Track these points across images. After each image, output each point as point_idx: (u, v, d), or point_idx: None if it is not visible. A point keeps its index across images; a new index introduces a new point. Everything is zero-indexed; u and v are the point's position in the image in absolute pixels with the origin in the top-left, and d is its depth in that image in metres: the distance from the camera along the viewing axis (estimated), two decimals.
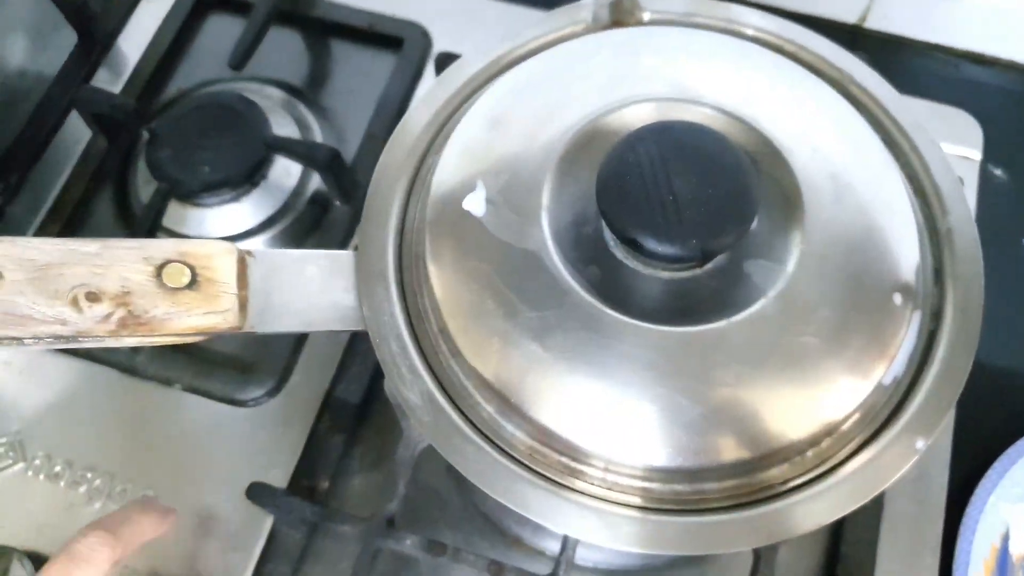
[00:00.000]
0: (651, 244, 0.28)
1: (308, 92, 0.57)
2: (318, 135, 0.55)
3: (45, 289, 0.27)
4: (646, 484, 0.29)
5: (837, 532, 0.45)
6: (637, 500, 0.29)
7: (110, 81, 0.57)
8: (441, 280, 0.30)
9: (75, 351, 0.49)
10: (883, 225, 0.30)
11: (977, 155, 0.54)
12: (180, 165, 0.51)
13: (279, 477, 0.45)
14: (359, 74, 0.58)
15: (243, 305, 0.29)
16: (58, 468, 0.47)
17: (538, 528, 0.45)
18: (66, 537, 0.45)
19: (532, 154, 0.31)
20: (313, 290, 0.31)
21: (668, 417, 0.28)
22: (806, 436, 0.28)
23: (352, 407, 0.47)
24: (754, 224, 0.29)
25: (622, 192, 0.28)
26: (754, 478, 0.29)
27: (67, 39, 0.57)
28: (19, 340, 0.27)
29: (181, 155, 0.51)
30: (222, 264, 0.29)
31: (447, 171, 0.32)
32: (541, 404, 0.29)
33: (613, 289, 0.30)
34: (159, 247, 0.29)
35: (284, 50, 0.59)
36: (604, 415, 0.28)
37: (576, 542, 0.37)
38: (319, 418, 0.47)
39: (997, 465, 0.46)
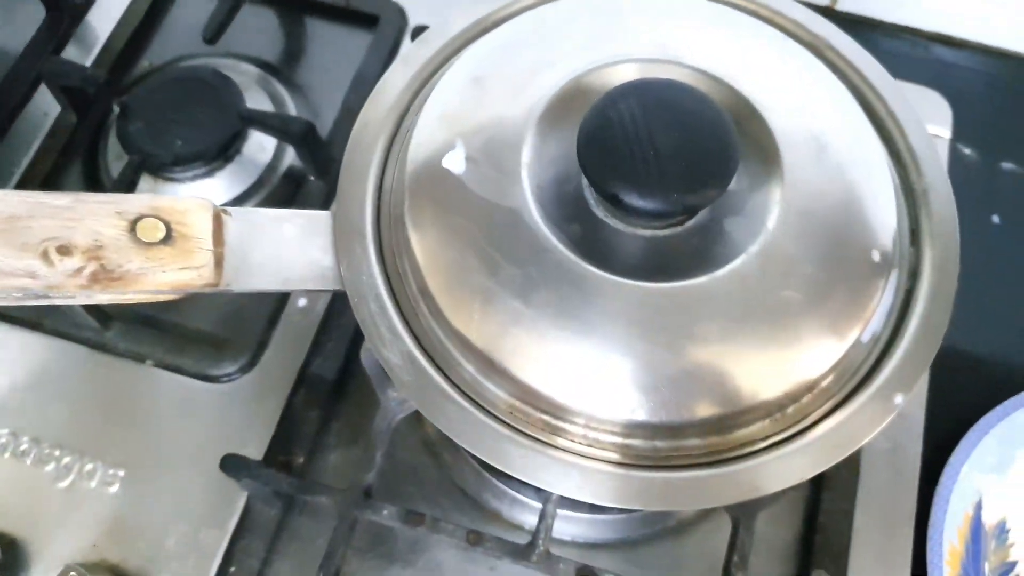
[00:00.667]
0: (632, 199, 0.28)
1: (284, 69, 0.57)
2: (292, 111, 0.54)
3: (13, 241, 0.26)
4: (627, 440, 0.29)
5: (814, 502, 0.45)
6: (618, 456, 0.29)
7: (80, 56, 0.56)
8: (421, 239, 0.30)
9: (44, 327, 0.48)
10: (861, 184, 0.31)
11: (947, 133, 0.55)
12: (152, 138, 0.50)
13: (253, 453, 0.44)
14: (335, 51, 0.57)
15: (219, 262, 0.29)
16: (24, 446, 0.45)
17: (515, 502, 0.45)
18: (32, 516, 0.44)
19: (513, 112, 0.31)
20: (290, 249, 0.31)
21: (648, 372, 0.28)
22: (785, 392, 0.28)
23: (328, 382, 0.47)
24: (734, 182, 0.29)
25: (603, 148, 0.28)
26: (734, 434, 0.29)
27: (36, 13, 0.56)
28: None
29: (153, 128, 0.50)
30: (198, 220, 0.28)
31: (427, 130, 0.31)
32: (522, 362, 0.29)
33: (595, 247, 0.30)
34: (133, 201, 0.28)
35: (260, 27, 0.58)
36: (584, 371, 0.28)
37: (555, 513, 0.37)
38: (294, 393, 0.47)
39: (970, 435, 0.46)
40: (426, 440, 0.47)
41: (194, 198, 0.29)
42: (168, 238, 0.28)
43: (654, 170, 0.28)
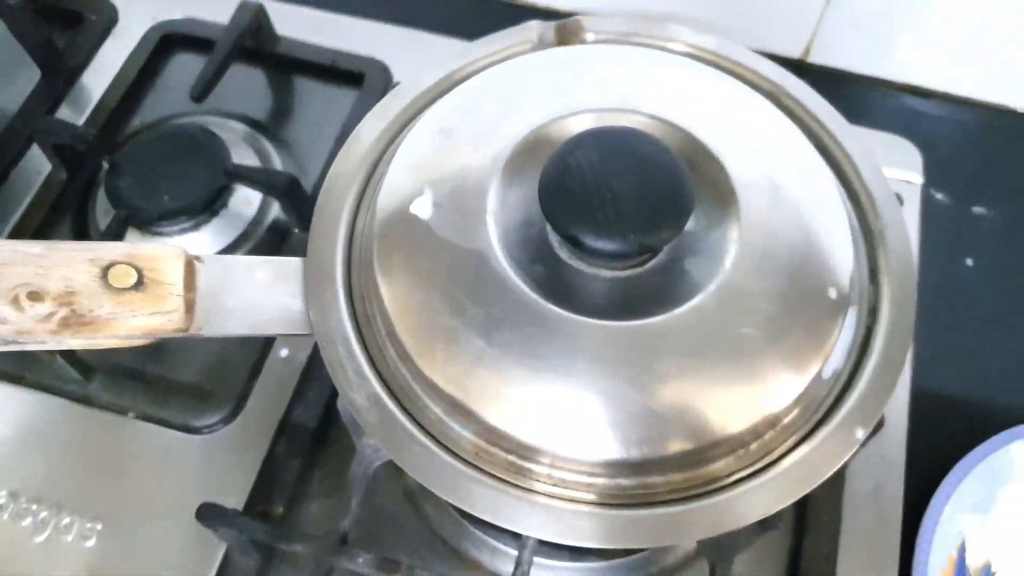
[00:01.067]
0: (591, 240, 0.29)
1: (271, 126, 0.58)
2: (279, 166, 0.56)
3: None
4: (592, 479, 0.29)
5: (797, 546, 0.45)
6: (584, 495, 0.29)
7: (73, 116, 0.57)
8: (388, 282, 0.31)
9: (25, 381, 0.49)
10: (817, 224, 0.32)
11: (919, 179, 0.56)
12: (139, 193, 0.51)
13: (234, 503, 0.44)
14: (321, 108, 0.59)
15: (190, 307, 0.29)
16: (2, 500, 0.45)
17: (495, 551, 0.45)
18: (7, 572, 0.44)
19: (479, 161, 0.32)
20: (261, 294, 0.31)
21: (611, 410, 0.28)
22: (749, 427, 0.29)
23: (308, 431, 0.47)
24: (692, 223, 0.30)
25: (563, 192, 0.29)
26: (699, 471, 0.29)
27: (32, 76, 0.58)
28: None
29: (141, 183, 0.51)
30: (169, 266, 0.29)
31: (396, 178, 0.33)
32: (486, 402, 0.29)
33: (559, 288, 0.30)
34: (105, 249, 0.29)
35: (247, 86, 0.60)
36: (548, 410, 0.29)
37: (531, 559, 0.37)
38: (275, 443, 0.47)
39: (951, 476, 0.46)
40: (407, 490, 0.47)
41: (166, 246, 0.30)
42: (140, 284, 0.28)
43: (611, 212, 0.29)
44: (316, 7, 0.61)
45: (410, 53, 0.59)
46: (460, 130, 0.33)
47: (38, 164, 0.55)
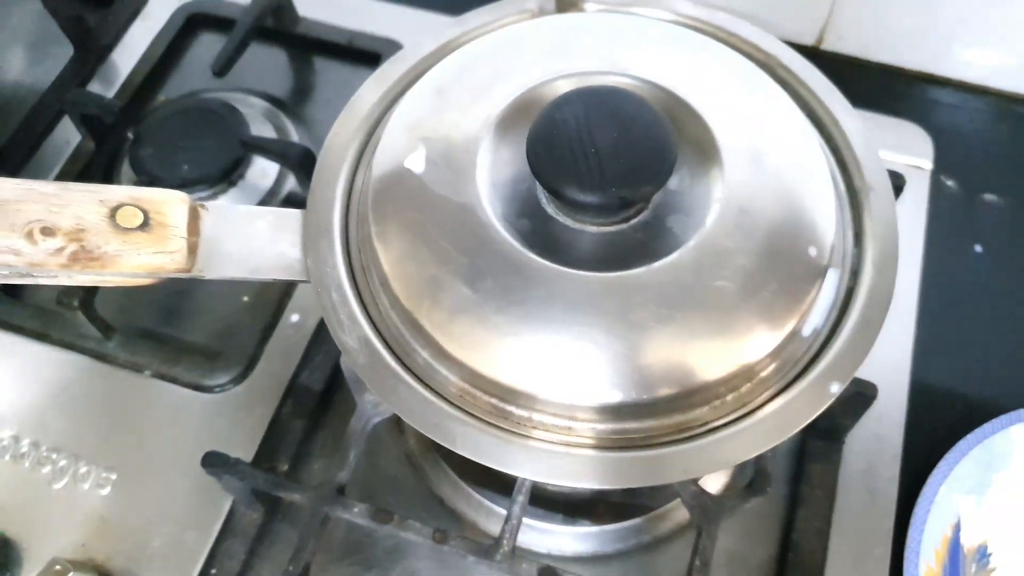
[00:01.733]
0: (575, 194, 0.30)
1: (290, 103, 0.60)
2: (295, 140, 0.58)
3: (1, 222, 0.29)
4: (571, 423, 0.30)
5: (789, 521, 0.45)
6: (563, 437, 0.30)
7: (103, 90, 0.60)
8: (382, 232, 0.32)
9: (49, 338, 0.51)
10: (801, 186, 0.32)
11: (929, 165, 0.56)
12: (161, 162, 0.53)
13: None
14: (338, 87, 0.61)
15: (192, 250, 0.31)
16: (24, 449, 0.48)
17: (491, 513, 0.46)
18: (26, 515, 0.46)
19: (472, 120, 0.33)
20: (261, 242, 0.33)
21: (589, 356, 0.29)
22: (723, 378, 0.29)
23: (315, 394, 0.49)
24: (676, 181, 0.31)
25: (549, 148, 0.30)
26: (674, 419, 0.30)
27: (64, 52, 0.61)
28: None
29: (163, 153, 0.53)
30: (174, 210, 0.31)
31: (393, 136, 0.34)
32: (470, 345, 0.30)
33: (545, 242, 0.31)
34: (114, 191, 0.30)
35: (268, 64, 0.62)
36: (527, 355, 0.30)
37: (520, 515, 0.38)
38: (282, 404, 0.49)
39: (948, 457, 0.46)
40: (408, 452, 0.48)
41: (172, 190, 0.31)
42: (145, 225, 0.30)
43: (595, 167, 0.30)
44: None
45: (426, 33, 0.60)
46: (454, 91, 0.34)
47: (68, 134, 0.58)
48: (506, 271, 0.30)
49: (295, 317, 0.51)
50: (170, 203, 0.31)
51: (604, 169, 0.30)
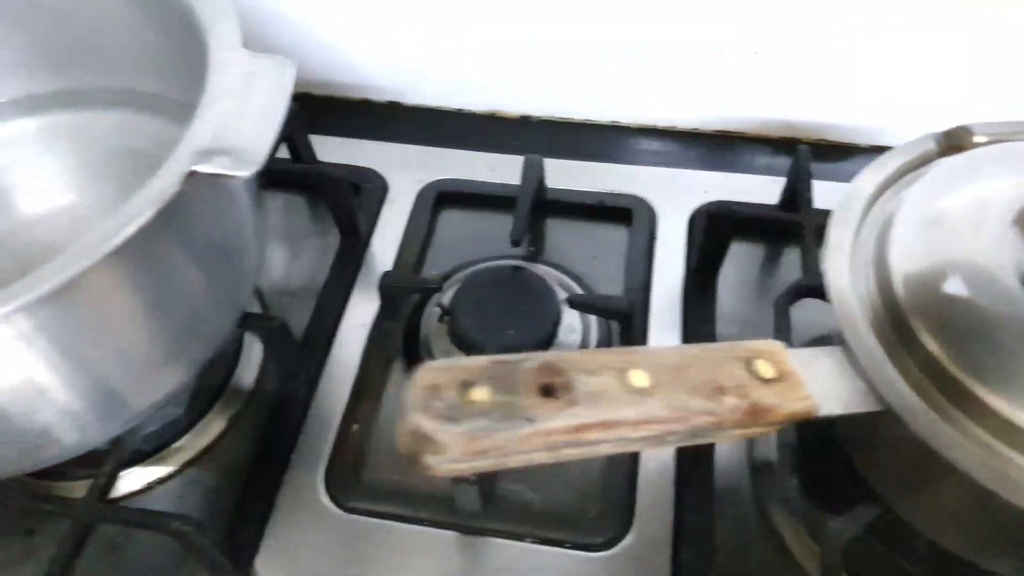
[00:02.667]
0: None
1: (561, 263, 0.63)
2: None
3: (685, 387, 0.30)
4: None
5: None
6: None
7: (369, 272, 0.62)
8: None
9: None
10: None
11: None
12: (483, 332, 0.55)
13: None
14: (595, 244, 0.64)
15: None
16: None
17: None
18: None
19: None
20: (831, 378, 0.35)
21: None
22: None
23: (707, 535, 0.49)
24: None
25: None
26: None
27: (314, 244, 0.63)
28: (662, 437, 0.30)
29: (482, 323, 0.55)
30: (786, 357, 0.33)
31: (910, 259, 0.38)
32: None
33: None
34: (739, 348, 0.33)
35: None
36: None
37: None
38: (676, 552, 0.49)
39: None
40: None
41: (771, 340, 0.34)
42: (778, 375, 0.32)
43: None
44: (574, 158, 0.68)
45: (668, 192, 0.65)
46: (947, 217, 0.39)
47: (363, 316, 0.59)
48: None
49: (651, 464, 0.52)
50: (779, 352, 0.33)
51: None
